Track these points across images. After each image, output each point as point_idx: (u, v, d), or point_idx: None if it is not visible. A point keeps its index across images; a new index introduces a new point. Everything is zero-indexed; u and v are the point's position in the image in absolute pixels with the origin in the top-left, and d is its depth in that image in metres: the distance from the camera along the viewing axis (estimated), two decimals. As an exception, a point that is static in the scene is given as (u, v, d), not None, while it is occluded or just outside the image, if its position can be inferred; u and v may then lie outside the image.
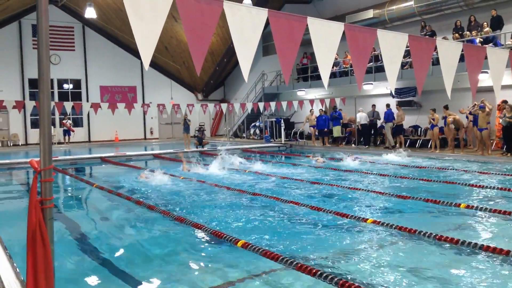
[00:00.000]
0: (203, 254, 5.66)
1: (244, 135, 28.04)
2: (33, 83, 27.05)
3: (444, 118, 16.25)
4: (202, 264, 5.20)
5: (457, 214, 7.15)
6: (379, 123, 19.61)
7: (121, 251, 5.78)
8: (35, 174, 3.24)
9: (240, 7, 3.97)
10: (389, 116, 18.29)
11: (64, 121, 25.66)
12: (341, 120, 20.51)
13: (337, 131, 20.17)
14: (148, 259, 5.42)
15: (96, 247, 5.94)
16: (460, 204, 7.46)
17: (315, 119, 21.27)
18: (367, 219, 6.63)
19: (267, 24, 4.20)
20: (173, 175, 12.25)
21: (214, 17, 3.72)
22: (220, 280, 4.62)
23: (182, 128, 21.65)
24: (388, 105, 18.72)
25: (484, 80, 13.22)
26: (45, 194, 3.21)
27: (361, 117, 19.80)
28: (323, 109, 21.14)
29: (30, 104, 20.12)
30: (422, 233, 5.76)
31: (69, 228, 7.09)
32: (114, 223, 7.31)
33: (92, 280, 4.80)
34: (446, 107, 16.13)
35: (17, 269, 4.52)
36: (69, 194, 10.16)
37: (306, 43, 4.64)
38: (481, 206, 7.37)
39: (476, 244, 5.27)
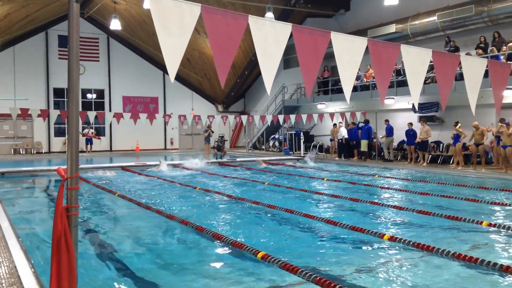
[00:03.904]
0: (222, 264, 5.67)
1: (263, 147, 28.07)
2: (57, 92, 27.64)
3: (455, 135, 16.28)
4: (219, 274, 5.21)
5: (478, 232, 7.03)
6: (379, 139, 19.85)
7: (142, 259, 5.83)
8: (61, 181, 3.30)
9: (264, 21, 4.03)
10: (390, 131, 19.10)
11: (85, 131, 26.02)
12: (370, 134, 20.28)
13: (364, 145, 19.84)
14: (167, 268, 5.45)
15: (117, 255, 6.01)
16: (482, 222, 7.33)
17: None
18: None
19: (289, 37, 4.25)
20: (189, 185, 12.39)
21: (239, 31, 3.78)
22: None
23: (205, 138, 21.80)
24: (387, 121, 19.31)
25: (509, 96, 13.05)
26: (71, 201, 3.27)
27: (342, 132, 20.94)
28: (354, 122, 20.97)
29: (54, 113, 20.53)
30: (440, 251, 5.67)
31: (91, 235, 7.18)
32: (134, 231, 7.38)
33: (113, 288, 4.85)
34: (456, 124, 16.32)
35: (39, 276, 4.58)
36: (91, 202, 10.29)
37: (327, 56, 4.67)
38: (504, 224, 7.23)
39: (496, 263, 5.16)
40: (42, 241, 6.55)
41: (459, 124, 16.08)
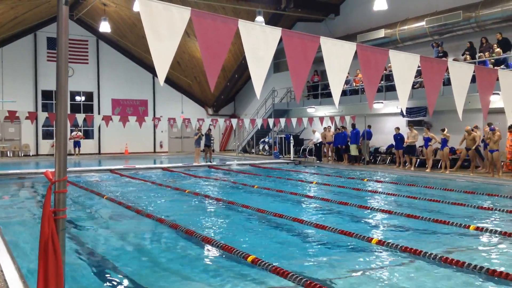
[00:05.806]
0: (211, 268, 5.66)
1: (253, 150, 28.09)
2: (46, 94, 27.43)
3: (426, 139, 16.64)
4: (210, 278, 5.20)
5: (466, 235, 7.09)
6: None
7: (130, 263, 5.80)
8: (49, 185, 3.28)
9: (254, 26, 4.05)
10: (367, 134, 19.79)
11: (73, 133, 25.73)
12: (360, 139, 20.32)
13: (354, 149, 19.88)
14: (156, 272, 5.43)
15: (105, 259, 5.97)
16: (469, 226, 7.40)
17: (332, 136, 21.29)
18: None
19: (278, 41, 4.27)
20: (179, 188, 12.35)
21: (229, 35, 3.79)
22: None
23: (195, 141, 21.75)
24: (369, 126, 19.88)
25: (496, 101, 13.21)
26: (59, 205, 3.26)
27: (317, 137, 22.14)
28: (343, 126, 21.03)
29: (42, 115, 20.34)
30: (427, 255, 5.70)
31: (79, 239, 7.12)
32: (123, 235, 7.34)
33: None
34: (428, 128, 16.92)
35: (26, 279, 4.54)
36: (79, 206, 10.21)
37: (317, 61, 4.70)
38: (491, 228, 7.30)
39: (482, 267, 5.20)
40: (29, 245, 6.48)
41: (446, 129, 16.25)
